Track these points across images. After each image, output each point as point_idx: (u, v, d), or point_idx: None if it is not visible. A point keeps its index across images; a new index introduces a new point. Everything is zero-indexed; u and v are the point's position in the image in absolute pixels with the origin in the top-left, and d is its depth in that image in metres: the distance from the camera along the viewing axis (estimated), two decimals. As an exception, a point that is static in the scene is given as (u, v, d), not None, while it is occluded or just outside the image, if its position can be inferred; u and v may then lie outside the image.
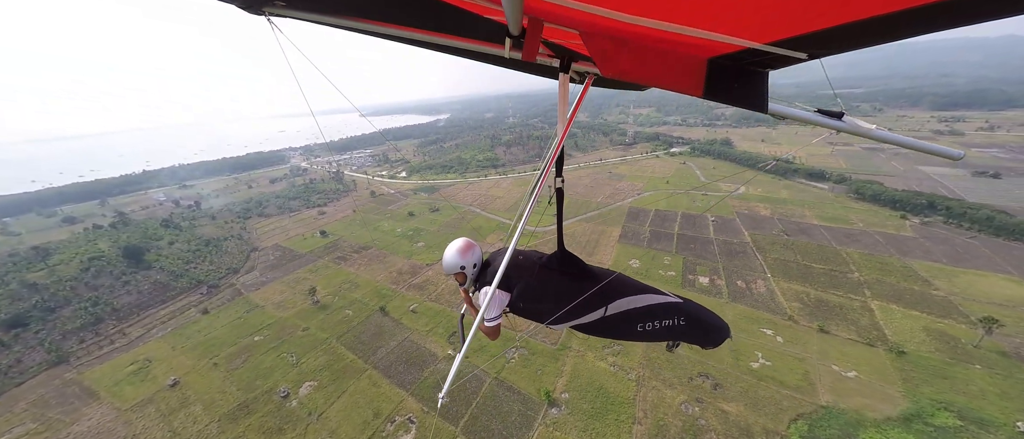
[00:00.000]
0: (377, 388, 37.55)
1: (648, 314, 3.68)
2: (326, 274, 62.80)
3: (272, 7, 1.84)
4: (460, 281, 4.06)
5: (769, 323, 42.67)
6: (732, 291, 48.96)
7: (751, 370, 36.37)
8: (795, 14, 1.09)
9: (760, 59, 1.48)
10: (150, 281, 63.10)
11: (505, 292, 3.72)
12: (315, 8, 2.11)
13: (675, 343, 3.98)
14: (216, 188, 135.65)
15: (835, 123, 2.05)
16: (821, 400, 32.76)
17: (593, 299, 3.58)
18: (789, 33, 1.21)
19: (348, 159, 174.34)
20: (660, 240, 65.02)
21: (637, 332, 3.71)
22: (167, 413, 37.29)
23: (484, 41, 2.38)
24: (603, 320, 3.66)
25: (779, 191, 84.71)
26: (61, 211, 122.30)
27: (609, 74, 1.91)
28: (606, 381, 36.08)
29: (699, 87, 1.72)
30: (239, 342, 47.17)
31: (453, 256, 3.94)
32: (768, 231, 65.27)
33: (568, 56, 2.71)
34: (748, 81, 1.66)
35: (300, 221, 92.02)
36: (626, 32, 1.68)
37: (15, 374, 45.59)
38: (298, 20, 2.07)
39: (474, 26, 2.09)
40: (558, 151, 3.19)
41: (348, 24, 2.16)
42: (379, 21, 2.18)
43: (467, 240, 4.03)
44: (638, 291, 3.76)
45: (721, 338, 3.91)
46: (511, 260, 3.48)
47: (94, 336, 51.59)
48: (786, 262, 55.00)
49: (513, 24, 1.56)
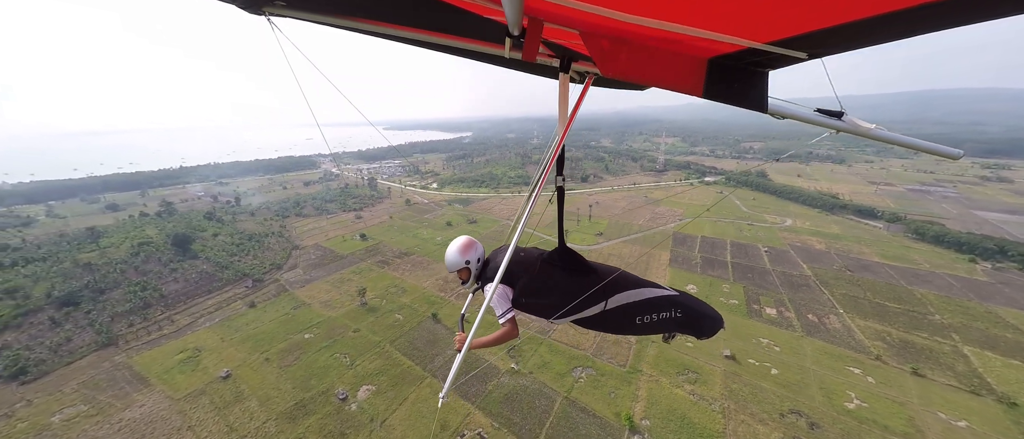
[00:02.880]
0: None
1: (646, 307, 3.81)
2: (370, 277, 61.86)
3: (272, 7, 1.80)
4: (463, 278, 4.14)
5: (854, 361, 39.74)
6: (805, 325, 46.19)
7: (847, 411, 33.46)
8: (794, 14, 1.09)
9: (760, 59, 1.46)
10: (196, 270, 63.02)
11: (509, 288, 3.81)
12: (315, 8, 2.07)
13: (671, 334, 4.16)
14: (252, 187, 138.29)
15: (835, 122, 2.04)
16: (935, 451, 29.66)
17: (594, 293, 3.68)
18: (789, 33, 1.21)
19: (378, 168, 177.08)
20: (714, 267, 62.72)
21: (636, 324, 3.84)
22: (222, 406, 35.85)
23: (484, 41, 2.33)
24: (603, 314, 3.78)
25: (829, 226, 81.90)
26: (104, 198, 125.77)
27: (609, 74, 1.89)
28: (689, 410, 33.55)
29: (699, 87, 1.69)
30: (289, 339, 45.97)
31: (456, 253, 4.05)
32: (828, 265, 62.47)
33: (568, 56, 2.69)
34: (748, 80, 1.64)
35: (338, 223, 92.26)
36: (626, 32, 1.66)
37: (65, 353, 45.00)
38: (298, 20, 2.02)
39: (474, 26, 2.07)
40: (558, 150, 3.23)
41: (348, 24, 2.12)
42: (379, 21, 2.13)
43: (469, 238, 4.14)
44: (637, 285, 3.89)
45: (715, 329, 4.11)
46: (512, 256, 3.52)
47: (142, 320, 51.07)
48: (856, 299, 52.07)
49: (513, 24, 1.56)
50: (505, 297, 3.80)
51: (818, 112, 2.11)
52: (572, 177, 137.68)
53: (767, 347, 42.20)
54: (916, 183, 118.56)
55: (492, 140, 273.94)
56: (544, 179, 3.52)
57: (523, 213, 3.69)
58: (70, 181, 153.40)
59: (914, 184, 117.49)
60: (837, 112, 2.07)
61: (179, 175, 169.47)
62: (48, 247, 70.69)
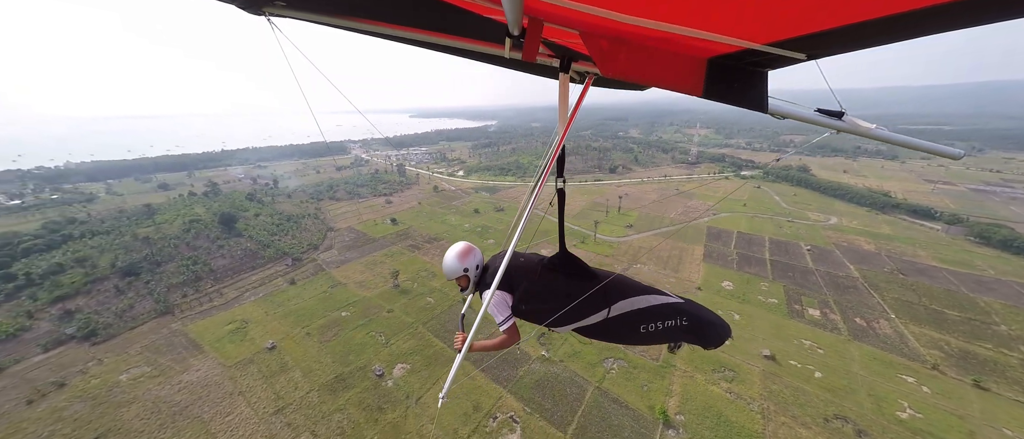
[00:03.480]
0: (472, 380, 36.31)
1: (651, 315, 3.66)
2: (402, 260, 63.44)
3: (272, 7, 1.81)
4: (463, 285, 4.03)
5: (907, 370, 37.40)
6: (851, 328, 43.79)
7: (899, 420, 31.63)
8: (794, 15, 1.10)
9: (759, 59, 1.47)
10: (241, 248, 66.63)
11: (507, 294, 3.71)
12: (315, 8, 2.07)
13: (677, 344, 4.04)
14: (288, 170, 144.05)
15: (836, 123, 2.05)
16: (1000, 469, 27.64)
17: (597, 300, 3.57)
18: (788, 34, 1.22)
19: (405, 155, 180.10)
20: (751, 264, 60.24)
21: (640, 333, 3.69)
22: (268, 375, 38.06)
23: (484, 41, 2.33)
24: (606, 322, 3.65)
25: (879, 226, 76.71)
26: (155, 178, 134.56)
27: (609, 74, 1.90)
28: (725, 408, 32.71)
29: (699, 87, 1.71)
30: (327, 316, 48.02)
31: (454, 260, 3.92)
32: (878, 267, 58.68)
33: (568, 56, 2.67)
34: (748, 81, 1.65)
35: (369, 207, 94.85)
36: (626, 32, 1.67)
37: (128, 319, 48.92)
38: (298, 20, 2.03)
39: (474, 26, 2.09)
40: (559, 151, 3.16)
41: (348, 24, 2.12)
42: (379, 21, 2.13)
43: (467, 244, 4.05)
44: (640, 292, 3.75)
45: (722, 338, 3.91)
46: (512, 262, 3.49)
47: (194, 292, 54.68)
48: (910, 304, 48.74)
49: (513, 24, 1.57)
50: (504, 304, 3.70)
51: (818, 112, 2.08)
52: (599, 168, 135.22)
53: (810, 349, 40.36)
54: (979, 182, 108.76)
55: (518, 129, 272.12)
56: (544, 180, 3.37)
57: (521, 216, 3.53)
58: (125, 162, 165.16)
59: (977, 183, 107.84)
60: (837, 112, 2.05)
61: (221, 158, 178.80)
62: (110, 221, 76.62)
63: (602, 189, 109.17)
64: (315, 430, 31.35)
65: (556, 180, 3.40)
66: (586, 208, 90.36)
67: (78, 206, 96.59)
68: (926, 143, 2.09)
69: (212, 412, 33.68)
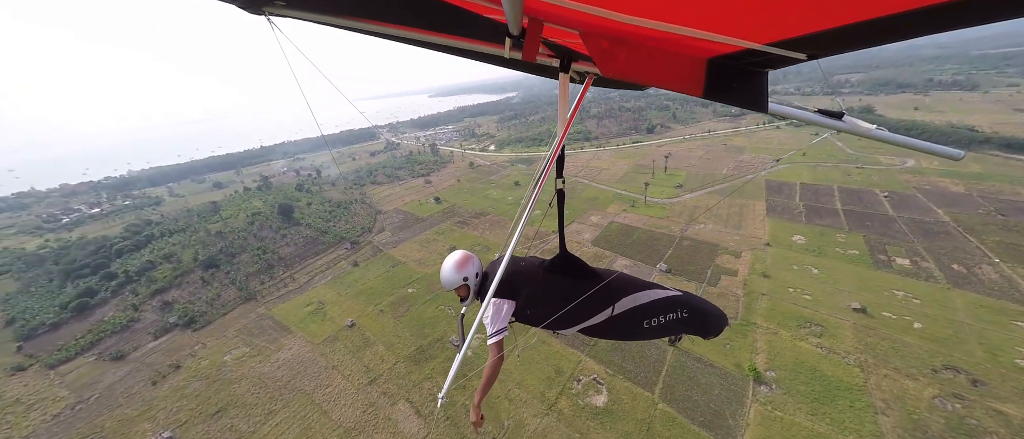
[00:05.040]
0: (548, 346, 36.98)
1: (653, 310, 3.74)
2: (453, 237, 64.56)
3: (272, 7, 1.83)
4: (462, 295, 4.03)
5: (1021, 316, 34.22)
6: (949, 276, 40.39)
7: (1019, 368, 29.22)
8: (794, 15, 1.10)
9: (760, 59, 1.49)
10: (302, 235, 70.19)
11: (510, 300, 3.75)
12: (315, 8, 2.08)
13: (677, 337, 4.16)
14: (325, 160, 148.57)
15: (835, 123, 2.07)
16: None
17: (601, 299, 3.63)
18: (788, 34, 1.22)
19: (433, 134, 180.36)
20: (821, 215, 56.43)
21: (643, 329, 3.77)
22: (354, 350, 40.55)
23: (484, 41, 2.36)
24: (611, 320, 3.70)
25: (967, 165, 69.02)
26: (209, 178, 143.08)
27: (609, 74, 1.92)
28: (818, 363, 31.50)
29: (699, 87, 1.72)
30: (395, 293, 50.08)
31: (451, 270, 3.91)
32: (972, 210, 53.22)
33: (568, 56, 2.70)
34: (748, 81, 1.66)
35: (410, 189, 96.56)
36: (626, 32, 1.68)
37: (219, 306, 53.32)
38: (298, 20, 2.04)
39: (474, 26, 2.10)
40: (558, 151, 3.16)
41: (348, 24, 2.14)
42: (379, 21, 2.14)
43: (464, 252, 4.01)
44: (641, 287, 3.82)
45: (721, 327, 4.06)
46: (512, 267, 3.67)
47: (270, 279, 58.57)
48: (1016, 246, 44.10)
49: (513, 24, 1.58)
50: (502, 313, 3.65)
51: (819, 112, 2.10)
52: (636, 129, 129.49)
53: (904, 300, 37.74)
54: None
55: (541, 97, 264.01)
56: (543, 181, 3.34)
57: (520, 219, 3.49)
58: (178, 165, 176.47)
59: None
60: (837, 112, 2.06)
61: (261, 154, 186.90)
62: (182, 220, 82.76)
63: (642, 151, 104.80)
64: (410, 397, 33.32)
65: (555, 180, 3.34)
66: (629, 172, 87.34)
67: (149, 210, 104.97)
68: (925, 144, 2.07)
69: (312, 385, 36.51)
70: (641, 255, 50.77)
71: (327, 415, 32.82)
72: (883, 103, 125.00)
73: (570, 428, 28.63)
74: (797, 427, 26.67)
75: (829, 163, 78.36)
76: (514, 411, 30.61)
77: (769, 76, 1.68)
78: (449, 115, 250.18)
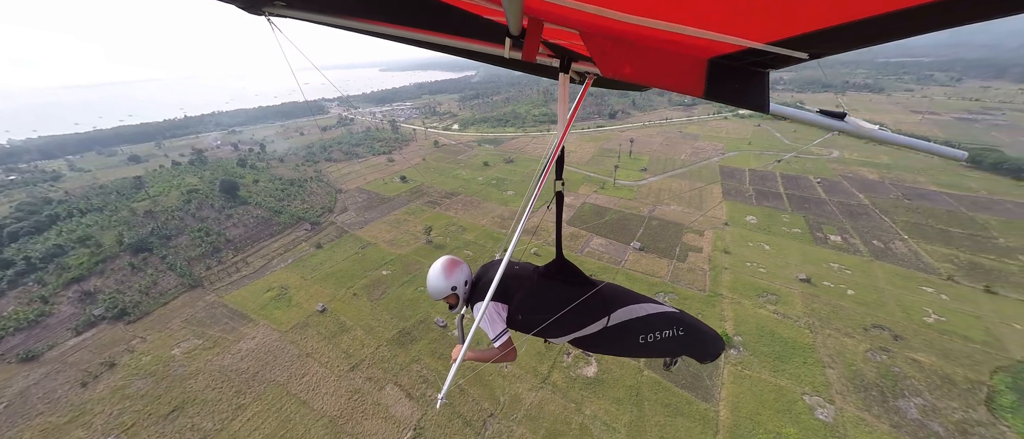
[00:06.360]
0: (535, 323, 37.47)
1: (649, 324, 3.61)
2: (425, 217, 62.27)
3: (272, 7, 1.83)
4: (452, 303, 3.78)
5: (926, 282, 41.05)
6: (871, 250, 47.09)
7: (927, 324, 35.23)
8: (796, 13, 1.09)
9: (761, 59, 1.48)
10: (251, 215, 63.48)
11: (503, 304, 3.57)
12: (315, 8, 2.09)
13: (673, 360, 3.97)
14: (267, 134, 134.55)
15: (837, 124, 2.04)
16: (1015, 355, 31.61)
17: (597, 308, 3.51)
18: (790, 33, 1.21)
19: (390, 110, 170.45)
20: (768, 198, 62.53)
21: (639, 344, 3.63)
22: (329, 336, 38.05)
23: (484, 41, 2.36)
24: (606, 331, 3.56)
25: (879, 156, 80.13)
26: (121, 151, 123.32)
27: (609, 74, 1.91)
28: (776, 327, 35.39)
29: (700, 87, 1.70)
30: (368, 275, 47.49)
31: (438, 278, 3.65)
32: (884, 195, 62.13)
33: (568, 56, 2.70)
34: (749, 81, 1.64)
35: (371, 167, 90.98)
36: (626, 32, 1.68)
37: (156, 295, 46.98)
38: (298, 20, 2.04)
39: (474, 26, 2.10)
40: (558, 152, 3.09)
41: (348, 24, 2.14)
42: (379, 21, 2.15)
43: (450, 257, 3.78)
44: (637, 300, 3.70)
45: (718, 350, 3.89)
46: (506, 271, 3.29)
47: (218, 264, 52.56)
48: (918, 225, 52.45)
49: (513, 24, 1.58)
50: (498, 317, 3.55)
51: (820, 113, 2.08)
52: (599, 114, 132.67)
53: (838, 271, 43.39)
54: (962, 111, 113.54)
55: (502, 78, 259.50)
56: (542, 183, 3.24)
57: (519, 221, 3.40)
58: (78, 135, 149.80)
59: (960, 112, 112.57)
60: (839, 113, 2.05)
61: (187, 125, 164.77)
62: (96, 198, 70.71)
63: (606, 135, 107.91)
64: (398, 381, 32.18)
65: (555, 182, 3.23)
66: (596, 155, 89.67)
67: (45, 186, 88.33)
68: (929, 144, 2.11)
69: (285, 375, 33.81)
70: (615, 234, 52.83)
71: (307, 405, 30.68)
72: (811, 100, 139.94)
73: (565, 399, 29.57)
74: (763, 383, 29.94)
75: (771, 151, 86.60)
76: (508, 387, 30.88)
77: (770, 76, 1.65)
78: (406, 91, 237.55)
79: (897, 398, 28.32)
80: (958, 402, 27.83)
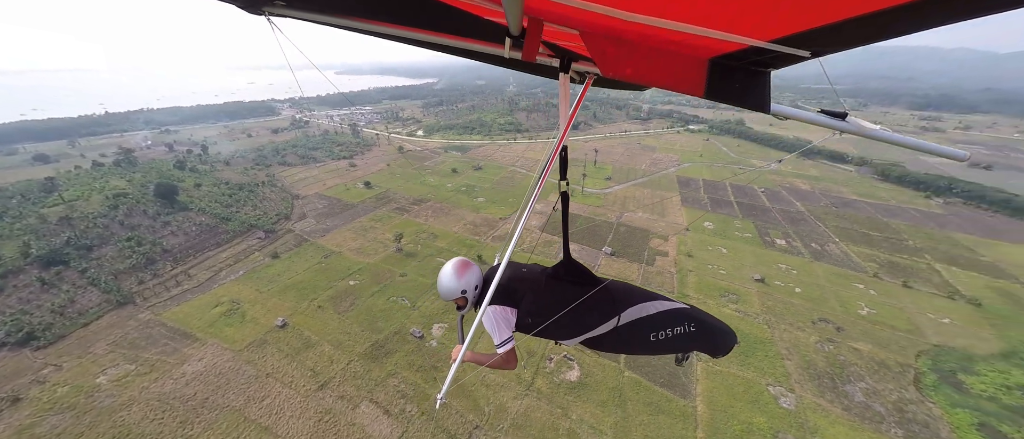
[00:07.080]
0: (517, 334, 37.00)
1: (660, 322, 3.56)
2: (393, 224, 59.79)
3: (272, 7, 1.85)
4: (460, 305, 3.72)
5: (857, 279, 46.32)
6: (811, 252, 52.34)
7: (861, 316, 39.64)
8: (799, 10, 1.08)
9: (762, 58, 1.50)
10: (194, 223, 57.07)
11: (511, 308, 3.51)
12: (315, 7, 2.15)
13: (684, 355, 3.90)
14: (209, 135, 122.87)
15: (839, 124, 2.05)
16: (932, 340, 36.51)
17: (606, 307, 3.50)
18: (792, 29, 1.20)
19: (349, 114, 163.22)
20: (721, 206, 67.59)
21: (650, 342, 3.58)
22: (292, 353, 34.86)
23: (484, 41, 2.41)
24: (616, 331, 3.53)
25: (808, 169, 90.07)
26: (23, 149, 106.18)
27: (609, 74, 1.92)
28: (738, 324, 37.84)
29: (701, 87, 1.72)
30: (333, 286, 44.41)
31: (450, 279, 3.58)
32: (816, 203, 69.68)
33: (568, 56, 2.73)
34: (750, 81, 1.66)
35: (331, 172, 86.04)
36: (626, 32, 1.69)
37: (73, 315, 40.42)
38: (298, 20, 2.08)
39: (474, 26, 2.12)
40: (559, 151, 3.10)
41: (348, 24, 2.19)
42: (379, 21, 2.20)
43: (462, 259, 3.73)
44: (646, 298, 3.65)
45: (730, 345, 3.82)
46: (514, 273, 3.51)
47: (153, 277, 46.45)
48: (846, 229, 59.31)
49: (513, 24, 1.59)
50: (505, 321, 3.46)
51: (822, 113, 2.08)
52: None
53: (786, 271, 47.69)
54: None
55: (465, 86, 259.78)
56: (542, 183, 3.19)
57: (519, 222, 3.32)
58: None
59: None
60: (841, 113, 2.03)
61: (108, 122, 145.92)
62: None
63: (571, 145, 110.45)
64: (374, 397, 30.11)
65: (559, 182, 3.20)
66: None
67: (-83, 187, 73.32)
68: (931, 145, 2.07)
69: (242, 399, 30.34)
70: (587, 240, 54.10)
71: (269, 431, 27.68)
72: (750, 117, 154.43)
73: (551, 404, 29.34)
74: (733, 377, 31.82)
75: (720, 163, 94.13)
76: (493, 396, 30.07)
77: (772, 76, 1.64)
78: (366, 95, 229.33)
79: (845, 383, 31.39)
80: (893, 384, 31.42)
